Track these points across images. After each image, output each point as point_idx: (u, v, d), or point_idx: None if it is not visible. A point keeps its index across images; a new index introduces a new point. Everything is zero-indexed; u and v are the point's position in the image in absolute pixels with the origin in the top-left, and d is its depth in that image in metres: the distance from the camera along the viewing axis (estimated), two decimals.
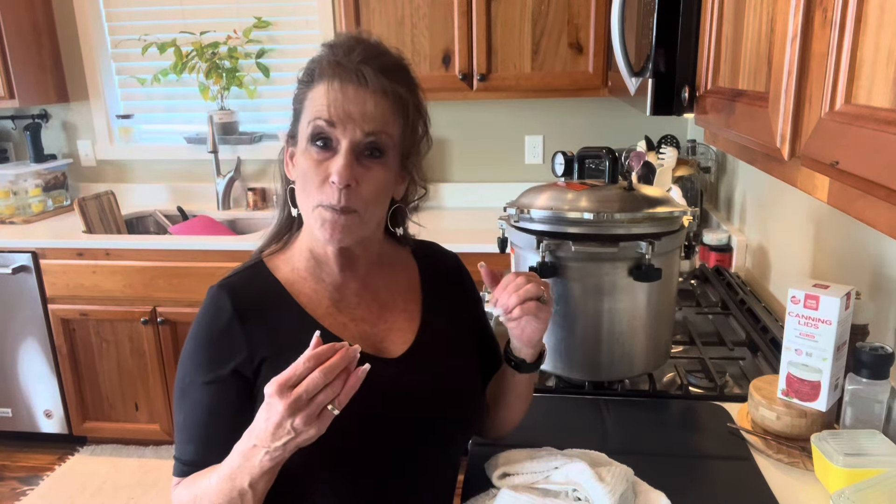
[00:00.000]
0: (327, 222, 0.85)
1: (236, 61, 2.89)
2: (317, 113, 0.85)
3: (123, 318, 2.58)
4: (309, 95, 0.87)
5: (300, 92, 0.90)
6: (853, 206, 0.62)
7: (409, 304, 1.00)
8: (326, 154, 0.85)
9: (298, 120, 0.89)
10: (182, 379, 0.90)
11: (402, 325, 0.98)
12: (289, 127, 0.93)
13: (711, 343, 1.48)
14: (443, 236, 1.32)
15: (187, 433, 0.89)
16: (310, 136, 0.86)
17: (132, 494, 2.50)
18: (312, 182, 0.85)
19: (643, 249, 1.12)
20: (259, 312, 0.90)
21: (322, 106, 0.84)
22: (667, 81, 1.15)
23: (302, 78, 0.90)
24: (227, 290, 0.90)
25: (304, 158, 0.87)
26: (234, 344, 0.87)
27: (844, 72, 0.61)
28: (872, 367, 0.99)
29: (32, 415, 2.76)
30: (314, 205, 0.86)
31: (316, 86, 0.86)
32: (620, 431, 1.13)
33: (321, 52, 0.89)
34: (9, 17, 2.73)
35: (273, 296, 0.92)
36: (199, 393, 0.87)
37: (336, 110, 0.84)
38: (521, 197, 1.26)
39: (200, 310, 0.90)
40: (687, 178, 2.15)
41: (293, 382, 0.70)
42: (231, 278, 0.92)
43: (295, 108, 0.91)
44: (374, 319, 0.96)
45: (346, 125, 0.84)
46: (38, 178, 2.97)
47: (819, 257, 1.43)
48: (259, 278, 0.93)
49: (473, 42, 2.42)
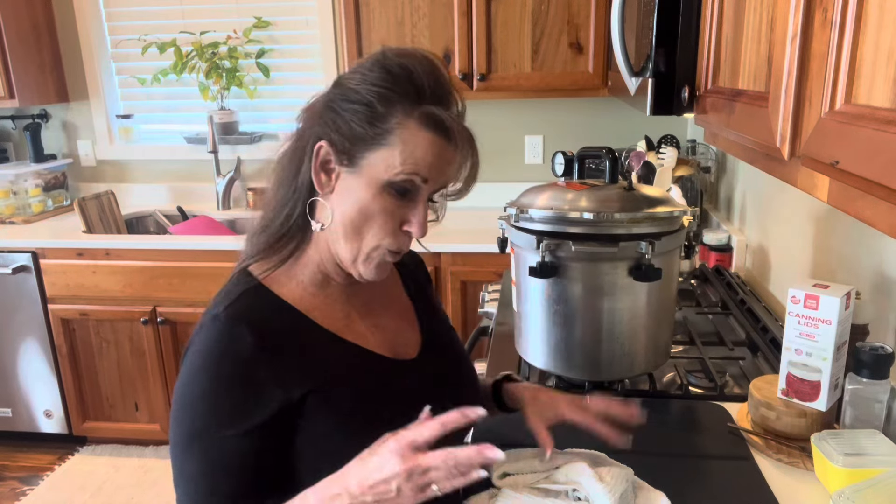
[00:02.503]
0: (383, 265, 0.85)
1: (236, 61, 2.89)
2: (416, 167, 0.79)
3: (123, 318, 2.58)
4: (401, 132, 0.79)
5: (381, 112, 0.79)
6: (853, 206, 0.62)
7: (403, 305, 1.01)
8: (401, 202, 0.82)
9: (371, 146, 0.80)
10: (191, 422, 0.79)
11: (406, 326, 0.98)
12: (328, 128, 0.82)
13: (711, 343, 1.48)
14: (443, 236, 1.32)
15: (207, 485, 0.78)
16: (393, 183, 0.80)
17: (132, 494, 2.50)
18: (382, 227, 0.82)
19: (643, 249, 1.12)
20: (281, 342, 0.81)
21: (424, 162, 0.79)
22: (667, 81, 1.15)
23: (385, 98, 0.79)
24: (241, 321, 0.80)
25: (372, 199, 0.81)
26: (264, 387, 0.79)
27: (844, 71, 0.61)
28: (872, 366, 0.99)
29: (32, 415, 2.77)
30: (374, 245, 0.83)
31: (418, 128, 0.79)
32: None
33: (419, 86, 0.80)
34: (9, 17, 2.74)
35: (288, 319, 0.84)
36: (224, 444, 0.78)
37: (436, 171, 0.81)
38: (521, 197, 1.26)
39: (207, 344, 0.80)
40: (687, 178, 2.15)
41: (419, 445, 0.69)
42: (235, 306, 0.81)
43: (366, 127, 0.80)
44: (385, 324, 0.94)
45: (435, 183, 0.82)
46: (38, 178, 2.97)
47: (819, 257, 1.43)
48: (266, 301, 0.84)
49: (473, 42, 2.42)
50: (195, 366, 0.80)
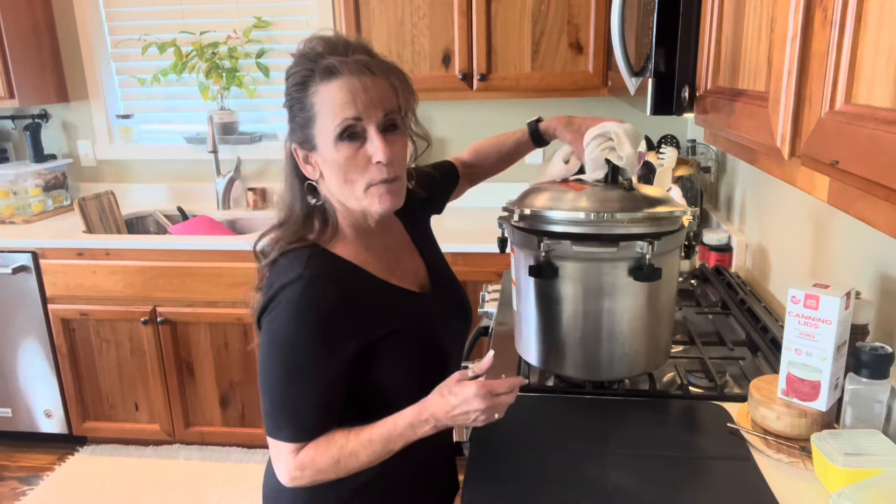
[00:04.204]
0: (384, 195, 0.99)
1: (236, 61, 2.90)
2: (342, 112, 0.93)
3: (123, 318, 2.58)
4: (319, 98, 0.95)
5: (302, 96, 0.96)
6: (853, 206, 0.62)
7: (408, 242, 1.17)
8: (357, 143, 0.96)
9: (311, 124, 0.96)
10: (293, 358, 0.96)
11: (417, 261, 1.15)
12: (291, 132, 1.00)
13: (711, 343, 1.48)
14: (443, 236, 1.32)
15: (306, 403, 0.97)
16: (339, 134, 0.94)
17: (132, 494, 2.50)
18: (356, 170, 0.96)
19: (643, 249, 1.12)
20: (354, 292, 0.99)
21: (346, 104, 0.93)
22: (667, 81, 1.15)
23: (297, 83, 0.96)
24: (322, 278, 0.96)
25: (337, 154, 0.96)
26: (346, 323, 0.96)
27: (844, 71, 0.61)
28: (872, 366, 0.99)
29: (32, 415, 2.77)
30: (364, 187, 0.98)
31: (325, 86, 0.94)
32: (620, 431, 1.13)
33: (314, 54, 0.95)
34: (9, 17, 2.74)
35: (352, 273, 1.01)
36: (318, 369, 0.96)
37: (361, 104, 0.94)
38: (521, 197, 1.26)
39: (297, 298, 0.94)
40: (687, 178, 2.15)
41: (496, 392, 0.95)
42: (312, 266, 0.96)
43: (301, 114, 0.97)
44: (405, 265, 1.12)
45: (369, 114, 0.94)
46: (38, 178, 2.97)
47: (819, 257, 1.43)
48: (333, 260, 1.00)
49: (473, 42, 2.42)
50: (288, 316, 0.95)
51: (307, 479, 0.99)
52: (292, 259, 0.98)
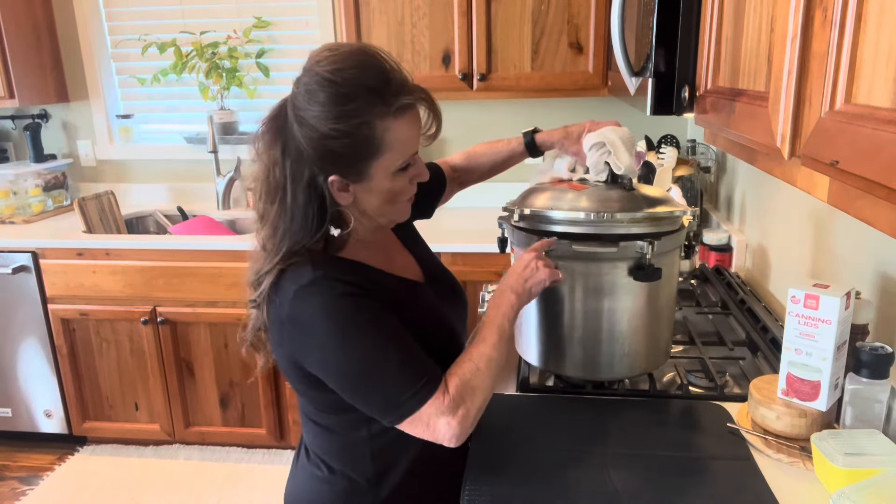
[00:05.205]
0: (409, 205, 1.09)
1: (236, 61, 2.90)
2: (411, 148, 1.00)
3: (123, 318, 2.58)
4: (392, 135, 0.96)
5: (370, 133, 0.95)
6: (853, 206, 0.62)
7: (398, 244, 1.20)
8: (408, 167, 1.02)
9: (372, 157, 0.97)
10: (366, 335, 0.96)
11: (408, 257, 1.20)
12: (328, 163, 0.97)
13: (711, 343, 1.48)
14: (443, 236, 1.32)
15: (412, 355, 0.97)
16: (400, 168, 1.00)
17: (132, 494, 2.50)
18: (404, 193, 1.05)
19: (643, 249, 1.12)
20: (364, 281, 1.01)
21: (412, 140, 1.00)
22: (667, 81, 1.15)
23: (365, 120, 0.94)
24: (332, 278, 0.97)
25: (392, 184, 1.01)
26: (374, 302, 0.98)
27: (844, 71, 0.61)
28: (872, 366, 0.99)
29: (32, 415, 2.77)
30: (403, 202, 1.06)
31: (396, 123, 0.96)
32: (620, 431, 1.13)
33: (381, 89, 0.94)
34: (9, 17, 2.74)
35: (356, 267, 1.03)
36: (391, 325, 0.98)
37: (418, 138, 1.01)
38: (522, 197, 1.26)
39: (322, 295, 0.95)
40: (687, 178, 2.15)
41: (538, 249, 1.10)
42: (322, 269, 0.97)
43: (358, 149, 0.96)
44: (398, 259, 1.17)
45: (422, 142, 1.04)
46: (38, 178, 2.97)
47: (819, 257, 1.43)
48: (338, 262, 1.02)
49: (473, 42, 2.42)
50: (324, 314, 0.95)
51: (472, 406, 0.96)
52: (295, 270, 0.98)
